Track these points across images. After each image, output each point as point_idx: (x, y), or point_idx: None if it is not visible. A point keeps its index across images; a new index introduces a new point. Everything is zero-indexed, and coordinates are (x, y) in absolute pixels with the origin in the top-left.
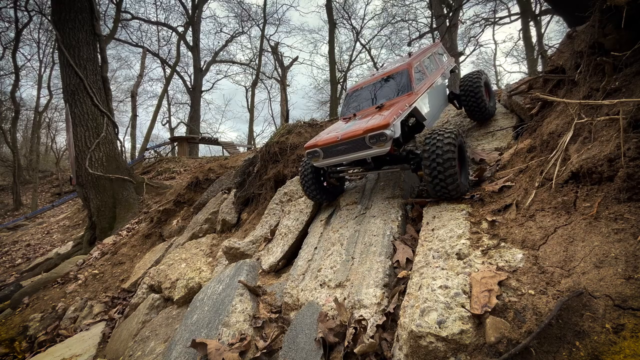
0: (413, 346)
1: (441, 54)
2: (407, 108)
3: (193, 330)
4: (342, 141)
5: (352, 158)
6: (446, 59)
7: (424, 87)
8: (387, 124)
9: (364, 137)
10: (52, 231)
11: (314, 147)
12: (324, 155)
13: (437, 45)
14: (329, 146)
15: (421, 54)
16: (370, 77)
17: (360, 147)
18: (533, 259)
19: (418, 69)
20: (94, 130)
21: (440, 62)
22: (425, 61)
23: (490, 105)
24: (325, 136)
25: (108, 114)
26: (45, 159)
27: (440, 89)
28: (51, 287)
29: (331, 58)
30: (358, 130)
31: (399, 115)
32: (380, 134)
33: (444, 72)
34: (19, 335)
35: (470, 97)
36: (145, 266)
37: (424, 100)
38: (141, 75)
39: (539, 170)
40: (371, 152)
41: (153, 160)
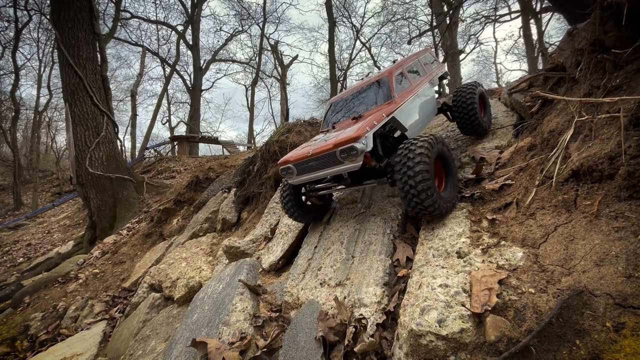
0: (413, 345)
1: (430, 61)
2: (383, 118)
3: (193, 329)
4: (313, 157)
5: (326, 174)
6: (435, 65)
7: (407, 96)
8: (357, 136)
9: (335, 152)
10: (52, 231)
11: (287, 164)
12: (297, 172)
13: (425, 52)
14: (300, 162)
15: (405, 61)
16: (352, 87)
17: (333, 162)
18: (533, 258)
19: (400, 77)
20: (94, 130)
21: (429, 69)
22: (410, 68)
23: (485, 120)
24: (298, 152)
25: (108, 113)
26: (46, 158)
27: (427, 98)
28: (52, 287)
29: (331, 56)
30: (328, 144)
31: (373, 126)
32: (350, 148)
33: (432, 80)
34: (20, 334)
35: (462, 111)
36: (146, 265)
37: (406, 109)
38: (141, 75)
39: (540, 168)
40: (343, 167)
41: (153, 159)
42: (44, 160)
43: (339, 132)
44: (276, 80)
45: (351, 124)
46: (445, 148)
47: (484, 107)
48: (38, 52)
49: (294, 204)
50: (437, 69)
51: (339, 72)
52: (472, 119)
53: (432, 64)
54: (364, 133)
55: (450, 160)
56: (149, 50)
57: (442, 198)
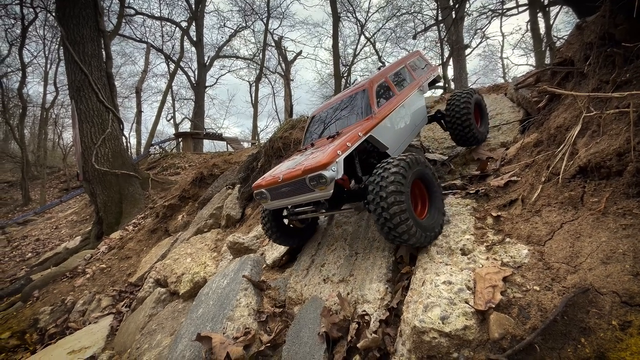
0: (416, 341)
1: (420, 65)
2: (359, 138)
3: (198, 324)
4: (284, 183)
5: (299, 201)
6: (426, 70)
7: (390, 108)
8: (325, 163)
9: (304, 179)
10: (60, 226)
11: (260, 188)
12: (271, 197)
13: (414, 56)
14: (272, 188)
15: (390, 68)
16: (333, 98)
17: (304, 189)
18: (538, 255)
19: (383, 88)
20: (99, 127)
21: (418, 75)
22: (396, 76)
23: (481, 131)
24: (271, 174)
25: (113, 110)
26: (53, 155)
27: (415, 108)
28: (60, 281)
29: (335, 52)
30: (298, 170)
31: (345, 149)
32: (319, 176)
33: (422, 86)
34: (30, 327)
35: (455, 120)
36: (152, 261)
37: (388, 124)
38: (145, 71)
39: (546, 164)
40: (315, 195)
41: (158, 156)
42: (51, 157)
43: (312, 154)
44: (280, 76)
45: (325, 144)
46: (428, 169)
47: (480, 116)
48: (44, 49)
49: (275, 228)
50: (428, 73)
51: (343, 67)
52: (466, 130)
53: (422, 68)
54: (333, 159)
55: (433, 183)
56: (153, 47)
57: (420, 226)
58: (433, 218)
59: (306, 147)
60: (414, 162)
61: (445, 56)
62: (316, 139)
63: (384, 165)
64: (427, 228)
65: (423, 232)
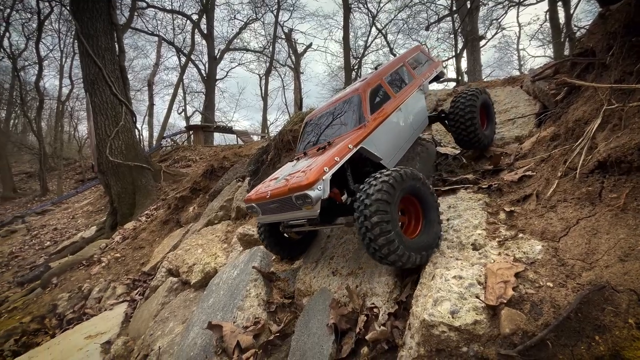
0: (425, 335)
1: (421, 62)
2: (348, 151)
3: (209, 312)
4: (272, 199)
5: (288, 218)
6: (428, 66)
7: (385, 114)
8: (310, 183)
9: (290, 197)
10: (76, 216)
11: (250, 202)
12: (262, 212)
13: (414, 51)
14: (261, 203)
15: (386, 69)
16: (327, 102)
17: (291, 207)
18: (553, 251)
19: (377, 91)
20: (113, 119)
21: (419, 72)
22: (393, 76)
23: (487, 135)
24: (261, 188)
25: (126, 103)
26: (69, 147)
27: (414, 110)
28: (77, 269)
29: (346, 44)
30: (284, 187)
31: (332, 164)
32: (304, 196)
33: (423, 85)
34: (49, 312)
35: (458, 121)
36: (164, 251)
37: (383, 132)
38: (157, 64)
39: (563, 159)
40: (303, 214)
41: (170, 148)
42: (67, 149)
43: (301, 168)
44: (290, 69)
45: (315, 157)
46: (421, 184)
47: (487, 119)
48: (59, 43)
49: (271, 239)
50: (430, 70)
51: (353, 60)
52: (469, 134)
53: (422, 65)
54: (319, 177)
55: (428, 199)
56: (165, 40)
57: (410, 246)
58: (427, 236)
59: (299, 155)
60: (403, 178)
61: (459, 48)
62: (309, 147)
63: (371, 181)
64: (419, 248)
65: (412, 254)
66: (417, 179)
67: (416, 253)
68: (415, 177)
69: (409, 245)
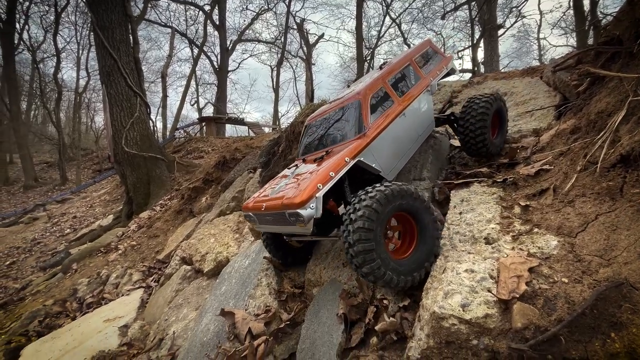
0: (435, 327)
1: (429, 58)
2: (344, 165)
3: (222, 300)
4: (267, 212)
5: (283, 231)
6: (437, 63)
7: (387, 121)
8: (302, 201)
9: (284, 213)
10: (94, 205)
11: (247, 211)
12: (259, 222)
13: (422, 47)
14: (257, 214)
15: (391, 69)
16: (328, 105)
17: (285, 221)
18: (569, 247)
19: (379, 96)
20: (128, 111)
21: (426, 71)
22: (397, 78)
23: (496, 144)
24: (257, 197)
25: (141, 95)
26: (86, 137)
27: (419, 114)
28: (95, 256)
29: (358, 34)
30: (278, 202)
31: (327, 180)
32: (296, 214)
33: (430, 85)
34: (70, 296)
35: (468, 128)
36: (178, 240)
37: (383, 141)
38: (170, 56)
39: (583, 153)
40: (296, 229)
41: (183, 139)
42: (85, 139)
43: (296, 180)
44: (301, 60)
45: (311, 169)
46: (414, 201)
47: (499, 126)
48: (76, 35)
49: (274, 246)
50: (439, 67)
51: (366, 50)
52: (478, 143)
53: (430, 63)
54: (312, 195)
55: (422, 216)
56: (178, 32)
57: (395, 267)
58: (419, 257)
59: (298, 163)
60: (389, 198)
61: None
62: (308, 153)
63: (360, 196)
64: (410, 270)
65: (401, 277)
66: (408, 196)
67: (406, 275)
68: (405, 195)
69: (397, 269)
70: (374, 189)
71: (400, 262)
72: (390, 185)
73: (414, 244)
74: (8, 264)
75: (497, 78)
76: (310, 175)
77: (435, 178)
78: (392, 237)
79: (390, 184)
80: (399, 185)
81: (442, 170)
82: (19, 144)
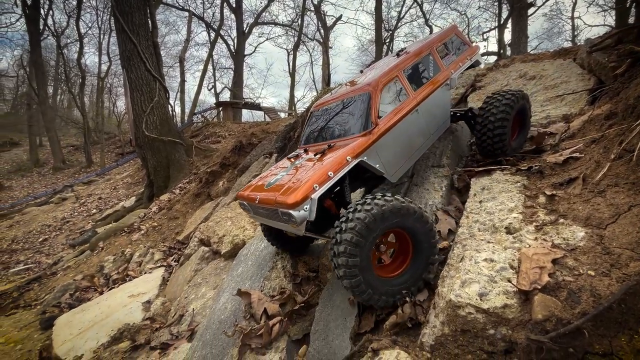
0: (450, 315)
1: (453, 47)
2: (346, 164)
3: (238, 280)
4: (260, 205)
5: (277, 226)
6: (461, 53)
7: (397, 117)
8: (295, 202)
9: (277, 210)
10: (118, 187)
11: (242, 199)
12: (253, 212)
13: (446, 35)
14: (252, 205)
15: (409, 57)
16: (336, 93)
17: (278, 218)
18: (597, 239)
19: (392, 88)
20: (148, 95)
21: (448, 62)
22: (414, 68)
23: (513, 146)
24: (252, 186)
25: (160, 79)
26: (109, 121)
27: (435, 111)
28: (120, 235)
29: (378, 15)
30: (272, 198)
31: (324, 180)
32: (288, 214)
33: (450, 80)
34: (98, 272)
35: (486, 127)
36: (196, 222)
37: (391, 140)
38: (188, 40)
39: (618, 140)
40: (288, 227)
41: (200, 124)
42: (108, 124)
43: (294, 174)
44: (318, 43)
45: (310, 164)
46: (415, 220)
47: (520, 128)
48: (97, 20)
49: (272, 236)
50: (463, 58)
51: (385, 32)
52: (495, 144)
53: (453, 52)
54: (307, 195)
55: (421, 237)
56: (195, 15)
57: (378, 289)
58: (411, 277)
59: (300, 151)
60: (393, 212)
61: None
62: (311, 143)
63: (357, 206)
64: (394, 292)
65: (382, 297)
66: (409, 215)
67: (388, 297)
68: (407, 214)
69: (380, 288)
70: (373, 201)
71: (386, 280)
72: (391, 200)
73: (406, 265)
74: (41, 241)
75: (525, 60)
76: (307, 173)
77: (455, 165)
78: (385, 252)
79: (391, 198)
80: (400, 201)
81: (462, 158)
82: (47, 127)
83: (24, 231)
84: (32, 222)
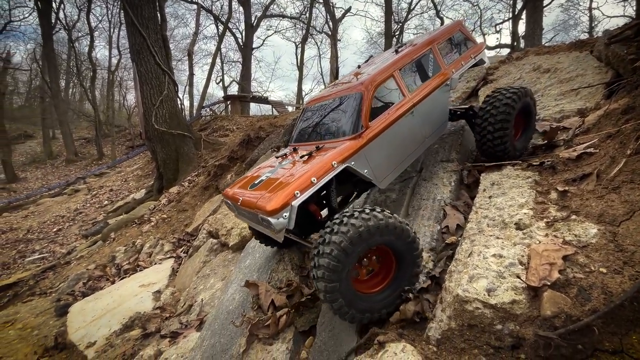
0: (457, 309)
1: (456, 44)
2: (331, 169)
3: (246, 272)
4: (243, 207)
5: (259, 229)
6: (464, 51)
7: (390, 119)
8: (274, 210)
9: (257, 215)
10: (128, 179)
11: (227, 198)
12: (237, 212)
13: (450, 32)
14: (235, 205)
15: (407, 55)
16: (331, 90)
17: (259, 222)
18: (610, 236)
19: (386, 88)
20: (157, 89)
21: (449, 60)
22: (412, 67)
23: (516, 146)
24: (236, 186)
25: (169, 72)
26: (119, 115)
27: (431, 113)
28: (131, 226)
29: (388, 6)
30: (254, 201)
31: (307, 187)
32: (267, 221)
33: (450, 80)
34: (109, 262)
35: (486, 126)
36: (205, 214)
37: (383, 143)
38: (196, 33)
39: (635, 135)
40: (269, 232)
41: (209, 117)
42: (118, 117)
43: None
44: (327, 36)
45: (297, 166)
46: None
47: (524, 127)
48: (107, 13)
49: (257, 233)
50: (466, 57)
51: (395, 25)
52: (496, 145)
53: (456, 50)
54: (287, 202)
55: (407, 260)
56: (203, 8)
57: (353, 304)
58: (389, 297)
59: (289, 150)
60: (378, 229)
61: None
62: (300, 142)
63: (340, 219)
64: (370, 309)
65: (357, 314)
66: (393, 233)
67: (362, 313)
68: (385, 231)
69: (362, 305)
70: (360, 214)
71: (368, 297)
72: (377, 216)
73: (387, 282)
74: (55, 231)
75: (539, 53)
76: (290, 177)
77: (464, 160)
78: (367, 266)
79: (377, 214)
80: (379, 218)
81: (472, 152)
82: (60, 120)
83: (39, 221)
84: (47, 213)
